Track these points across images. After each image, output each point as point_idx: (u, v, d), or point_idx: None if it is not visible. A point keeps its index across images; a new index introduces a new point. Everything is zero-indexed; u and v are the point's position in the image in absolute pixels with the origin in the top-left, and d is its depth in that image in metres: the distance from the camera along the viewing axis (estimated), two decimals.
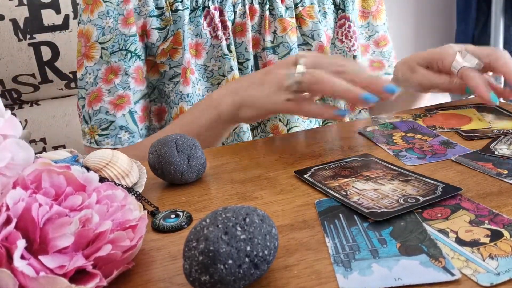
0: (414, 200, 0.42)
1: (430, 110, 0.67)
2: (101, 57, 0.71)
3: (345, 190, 0.45)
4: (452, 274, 0.32)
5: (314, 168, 0.51)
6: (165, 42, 0.73)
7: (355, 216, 0.41)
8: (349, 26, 0.79)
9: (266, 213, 0.34)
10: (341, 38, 0.78)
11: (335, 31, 0.80)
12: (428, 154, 0.52)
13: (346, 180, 0.47)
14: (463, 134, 0.57)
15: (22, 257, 0.31)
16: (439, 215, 0.40)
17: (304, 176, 0.49)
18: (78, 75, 0.73)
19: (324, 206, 0.43)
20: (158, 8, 0.72)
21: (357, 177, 0.48)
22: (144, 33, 0.73)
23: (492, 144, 0.53)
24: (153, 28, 0.72)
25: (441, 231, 0.38)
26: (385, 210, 0.41)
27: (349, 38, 0.75)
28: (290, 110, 0.56)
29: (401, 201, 0.42)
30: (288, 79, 0.53)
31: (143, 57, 0.74)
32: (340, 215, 0.41)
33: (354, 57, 0.79)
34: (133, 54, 0.72)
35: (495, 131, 0.57)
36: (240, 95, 0.60)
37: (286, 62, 0.57)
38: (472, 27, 2.25)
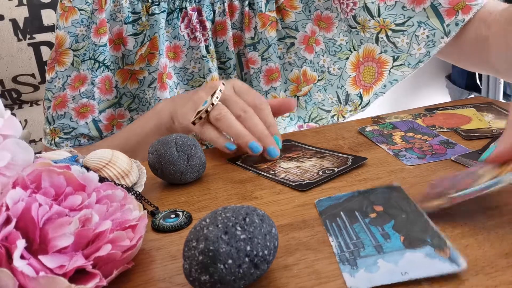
0: (331, 171, 0.50)
1: (430, 110, 0.67)
2: (72, 64, 0.72)
3: (273, 170, 0.52)
4: (458, 265, 0.32)
5: (244, 155, 0.57)
6: (142, 48, 0.73)
7: (356, 212, 0.41)
8: None
9: (266, 213, 0.34)
10: (335, 6, 0.75)
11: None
12: (428, 154, 0.52)
13: (272, 161, 0.54)
14: (463, 134, 0.57)
15: (22, 257, 0.31)
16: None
17: (236, 162, 0.55)
18: (47, 77, 0.74)
19: (324, 205, 0.43)
20: (134, 13, 0.72)
21: (282, 158, 0.55)
22: (120, 41, 0.73)
23: (492, 144, 0.53)
24: (129, 35, 0.72)
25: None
26: (308, 181, 0.48)
27: (340, 2, 0.73)
28: (194, 130, 0.58)
29: (320, 173, 0.50)
30: (202, 105, 0.58)
31: (112, 67, 0.74)
32: (341, 213, 0.41)
33: (354, 16, 0.71)
34: (101, 64, 0.73)
35: (494, 131, 0.57)
36: (174, 107, 0.63)
37: (211, 86, 0.61)
38: None
